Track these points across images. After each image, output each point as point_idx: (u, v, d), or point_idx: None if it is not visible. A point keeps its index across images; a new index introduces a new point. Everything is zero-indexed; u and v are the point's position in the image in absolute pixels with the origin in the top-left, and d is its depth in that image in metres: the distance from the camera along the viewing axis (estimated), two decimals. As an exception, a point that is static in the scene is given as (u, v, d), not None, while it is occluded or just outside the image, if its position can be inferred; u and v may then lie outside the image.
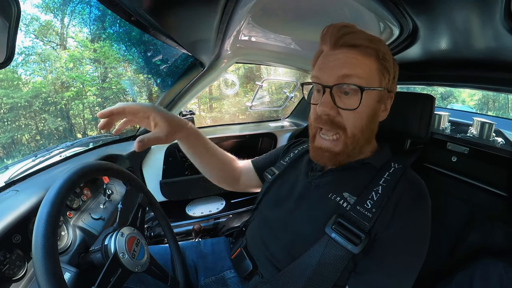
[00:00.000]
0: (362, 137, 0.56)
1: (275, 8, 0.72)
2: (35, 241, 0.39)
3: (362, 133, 0.55)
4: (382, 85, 0.55)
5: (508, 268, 0.60)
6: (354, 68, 0.51)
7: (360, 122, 0.54)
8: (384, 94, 0.57)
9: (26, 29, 5.86)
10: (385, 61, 0.54)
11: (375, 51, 0.52)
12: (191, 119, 1.39)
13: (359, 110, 0.52)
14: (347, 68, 0.51)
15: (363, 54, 0.52)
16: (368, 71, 0.52)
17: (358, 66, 0.51)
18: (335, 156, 0.57)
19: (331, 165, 0.61)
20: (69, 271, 0.53)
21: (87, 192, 0.83)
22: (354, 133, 0.54)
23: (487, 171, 0.75)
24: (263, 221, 0.69)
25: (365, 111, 0.54)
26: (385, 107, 0.59)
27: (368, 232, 0.50)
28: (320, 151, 0.58)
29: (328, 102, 0.52)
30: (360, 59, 0.52)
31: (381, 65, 0.54)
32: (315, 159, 0.61)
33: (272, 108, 1.83)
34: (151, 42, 5.89)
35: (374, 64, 0.53)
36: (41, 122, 6.21)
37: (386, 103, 0.59)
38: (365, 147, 0.62)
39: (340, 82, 0.51)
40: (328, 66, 0.54)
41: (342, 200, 0.57)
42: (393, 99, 0.60)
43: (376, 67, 0.53)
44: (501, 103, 9.47)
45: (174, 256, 0.73)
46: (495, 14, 0.44)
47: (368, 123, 0.55)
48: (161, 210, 0.76)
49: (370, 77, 0.53)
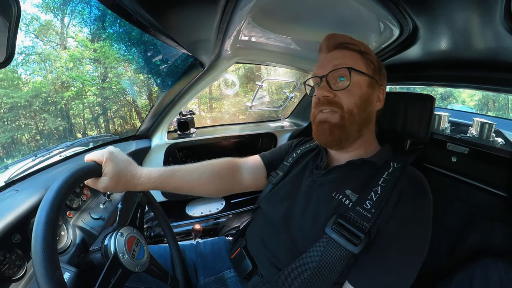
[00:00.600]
0: (358, 116, 0.61)
1: (275, 9, 0.72)
2: (35, 241, 0.39)
3: (358, 110, 0.61)
4: (369, 73, 0.63)
5: (508, 268, 0.60)
6: (342, 59, 0.63)
7: (354, 99, 0.61)
8: (374, 84, 0.64)
9: (26, 28, 5.86)
10: (368, 55, 0.64)
11: (357, 46, 0.64)
12: (191, 119, 1.39)
13: (351, 90, 0.61)
14: (337, 60, 0.63)
15: (349, 49, 0.64)
16: (354, 60, 0.63)
17: (345, 58, 0.63)
18: (333, 127, 0.62)
19: (331, 140, 0.63)
20: (69, 271, 0.53)
21: (87, 192, 0.83)
22: (349, 108, 0.61)
23: (487, 172, 0.75)
24: (264, 219, 0.69)
25: (357, 92, 0.61)
26: (379, 98, 0.67)
27: (368, 233, 0.51)
28: (320, 125, 0.65)
29: (325, 86, 0.63)
30: (346, 53, 0.64)
31: (364, 57, 0.64)
32: (317, 136, 0.66)
33: (272, 108, 1.83)
34: (151, 42, 5.90)
35: (358, 56, 0.64)
36: (41, 122, 6.21)
37: (379, 94, 0.66)
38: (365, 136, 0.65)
39: (333, 69, 0.62)
40: (323, 63, 0.66)
41: (344, 197, 0.58)
42: (384, 92, 0.68)
43: (360, 57, 0.64)
44: (501, 103, 9.47)
45: (174, 256, 0.73)
46: (495, 14, 0.44)
47: (362, 103, 0.62)
48: (161, 210, 0.76)
49: (356, 64, 0.62)
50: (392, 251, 0.51)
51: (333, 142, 0.64)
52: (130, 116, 7.17)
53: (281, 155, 0.84)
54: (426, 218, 0.54)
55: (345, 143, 0.63)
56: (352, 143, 0.65)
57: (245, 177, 0.78)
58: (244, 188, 0.79)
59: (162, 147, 1.32)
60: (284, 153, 0.84)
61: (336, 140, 0.62)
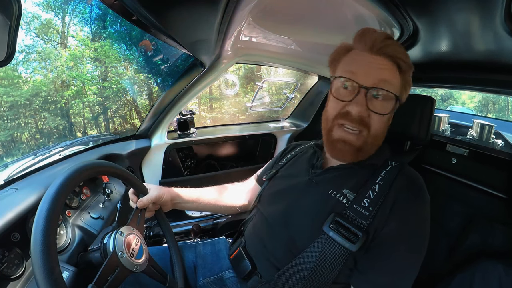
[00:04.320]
0: (380, 139, 0.60)
1: (276, 9, 0.72)
2: (34, 237, 0.39)
3: (382, 135, 0.60)
4: (402, 98, 0.60)
5: (507, 269, 0.60)
6: (390, 75, 0.55)
7: (383, 125, 0.59)
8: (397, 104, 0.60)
9: (27, 27, 5.86)
10: (407, 75, 0.59)
11: (409, 67, 0.58)
12: (191, 119, 1.39)
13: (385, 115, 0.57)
14: (386, 74, 0.55)
15: (398, 67, 0.56)
16: (399, 83, 0.58)
17: (394, 76, 0.56)
18: (356, 151, 0.58)
19: (349, 160, 0.61)
20: (68, 270, 0.53)
21: (86, 191, 0.83)
22: (376, 134, 0.58)
23: (487, 173, 0.75)
24: (261, 218, 0.69)
25: (388, 117, 0.59)
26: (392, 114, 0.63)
27: (366, 230, 0.51)
28: (341, 144, 0.58)
29: (363, 103, 0.54)
30: (395, 70, 0.56)
31: (403, 78, 0.58)
32: (333, 152, 0.61)
33: (272, 108, 1.83)
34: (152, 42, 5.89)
35: (401, 78, 0.58)
36: (41, 121, 6.21)
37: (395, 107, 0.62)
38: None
39: (378, 86, 0.54)
40: (366, 67, 0.55)
41: (341, 196, 0.57)
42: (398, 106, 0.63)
43: (402, 80, 0.58)
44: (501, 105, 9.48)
45: (173, 257, 0.73)
46: (495, 16, 0.44)
47: (386, 127, 0.60)
48: (161, 210, 0.76)
49: (399, 88, 0.58)
50: (390, 253, 0.51)
51: (351, 160, 0.61)
52: (130, 116, 7.17)
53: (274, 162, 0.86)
54: (424, 218, 0.54)
55: (361, 159, 0.61)
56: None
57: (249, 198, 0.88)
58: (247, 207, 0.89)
59: (162, 147, 1.32)
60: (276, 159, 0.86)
61: (355, 159, 0.60)
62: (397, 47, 0.56)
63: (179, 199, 0.77)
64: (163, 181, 1.35)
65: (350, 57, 0.59)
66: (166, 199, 0.72)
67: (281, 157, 0.83)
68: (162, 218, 0.76)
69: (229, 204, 0.85)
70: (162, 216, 0.75)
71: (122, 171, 0.65)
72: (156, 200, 0.69)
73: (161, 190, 0.71)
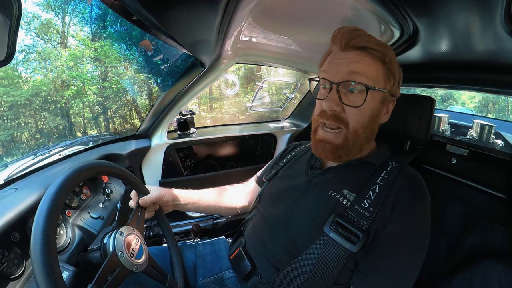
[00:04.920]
0: (363, 135, 0.58)
1: (276, 9, 0.72)
2: (34, 237, 0.39)
3: (364, 130, 0.57)
4: (387, 88, 0.58)
5: (507, 270, 0.60)
6: (361, 67, 0.54)
7: (362, 119, 0.57)
8: (388, 97, 0.60)
9: (27, 27, 5.86)
10: (391, 66, 0.57)
11: (382, 55, 0.55)
12: (191, 119, 1.39)
13: (362, 108, 0.55)
14: (355, 67, 0.54)
15: (371, 57, 0.55)
16: (375, 73, 0.55)
17: (365, 66, 0.54)
18: (336, 149, 0.58)
19: (331, 159, 0.62)
20: (68, 270, 0.53)
21: (86, 191, 0.83)
22: (355, 129, 0.56)
23: (487, 174, 0.75)
24: (262, 219, 0.69)
25: (368, 110, 0.56)
26: (387, 110, 0.62)
27: (366, 231, 0.51)
28: (321, 143, 0.60)
29: (335, 98, 0.55)
30: (367, 60, 0.55)
31: (387, 69, 0.57)
32: (317, 152, 0.62)
33: (272, 109, 1.83)
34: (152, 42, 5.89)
35: (380, 67, 0.56)
36: (41, 121, 6.21)
37: (388, 106, 0.61)
38: (365, 146, 0.62)
39: (347, 79, 0.54)
40: (337, 64, 0.57)
41: (341, 197, 0.57)
42: (395, 103, 0.62)
43: (382, 70, 0.56)
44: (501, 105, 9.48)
45: (173, 257, 0.73)
46: (495, 16, 0.44)
47: (370, 122, 0.57)
48: (161, 210, 0.76)
49: (375, 78, 0.55)
50: (391, 254, 0.51)
51: (332, 159, 0.62)
52: (130, 116, 7.17)
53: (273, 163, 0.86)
54: (425, 218, 0.54)
55: (345, 158, 0.61)
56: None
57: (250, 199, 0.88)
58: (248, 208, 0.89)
59: (162, 146, 1.32)
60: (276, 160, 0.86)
61: (336, 158, 0.61)
62: (366, 37, 0.55)
63: (179, 200, 0.77)
64: (163, 181, 1.35)
65: (329, 58, 0.60)
66: (167, 199, 0.72)
67: (281, 158, 0.83)
68: (162, 218, 0.75)
69: (230, 205, 0.85)
70: (162, 216, 0.75)
71: (122, 171, 0.65)
72: (157, 200, 0.69)
73: (162, 190, 0.72)
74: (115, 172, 0.62)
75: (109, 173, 0.62)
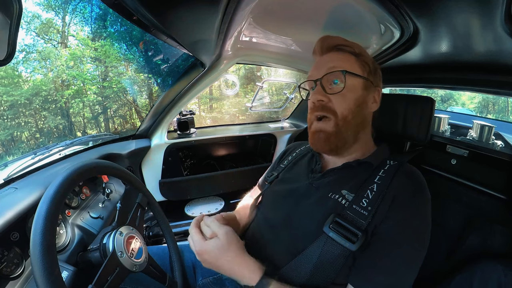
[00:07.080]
0: (353, 121, 0.61)
1: (276, 10, 0.72)
2: (34, 237, 0.39)
3: (353, 116, 0.61)
4: (364, 75, 0.63)
5: (507, 271, 0.60)
6: (337, 62, 0.63)
7: (348, 104, 0.61)
8: (370, 86, 0.64)
9: (27, 26, 5.86)
10: (362, 56, 0.64)
11: (351, 48, 0.64)
12: (191, 119, 1.39)
13: (346, 94, 0.61)
14: (332, 63, 0.63)
15: (343, 52, 0.65)
16: (348, 63, 0.63)
17: (340, 61, 0.63)
18: (329, 136, 0.62)
19: (328, 149, 0.64)
20: (67, 270, 0.53)
21: (86, 191, 0.83)
22: (344, 115, 0.61)
23: (487, 174, 0.75)
24: (263, 221, 0.69)
25: (351, 96, 0.61)
26: (374, 99, 0.66)
27: (365, 230, 0.51)
28: (316, 134, 0.65)
29: (320, 90, 0.62)
30: (340, 56, 0.64)
31: (358, 59, 0.64)
32: (313, 145, 0.67)
33: (272, 109, 1.83)
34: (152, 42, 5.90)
35: (353, 59, 0.64)
36: (41, 120, 6.21)
37: (374, 95, 0.66)
38: (361, 136, 0.65)
39: (327, 72, 0.61)
40: (317, 66, 0.65)
41: (340, 197, 0.58)
42: (380, 93, 0.67)
43: (355, 60, 0.64)
44: (501, 106, 9.49)
45: (173, 256, 0.73)
46: (496, 17, 0.44)
47: (356, 107, 0.62)
48: (160, 210, 0.76)
49: (351, 66, 0.62)
50: (390, 252, 0.51)
51: (329, 150, 0.64)
52: (130, 116, 7.18)
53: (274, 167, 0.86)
54: (424, 217, 0.53)
55: (342, 149, 0.63)
56: (348, 149, 0.65)
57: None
58: None
59: (161, 146, 1.32)
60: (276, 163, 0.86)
61: (333, 147, 0.63)
62: (335, 38, 0.65)
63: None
64: (162, 181, 1.35)
65: (312, 67, 0.68)
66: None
67: (282, 160, 0.83)
68: (162, 218, 0.76)
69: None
70: (161, 216, 0.75)
71: (122, 171, 0.65)
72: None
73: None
74: (114, 171, 0.62)
75: (108, 173, 0.62)
